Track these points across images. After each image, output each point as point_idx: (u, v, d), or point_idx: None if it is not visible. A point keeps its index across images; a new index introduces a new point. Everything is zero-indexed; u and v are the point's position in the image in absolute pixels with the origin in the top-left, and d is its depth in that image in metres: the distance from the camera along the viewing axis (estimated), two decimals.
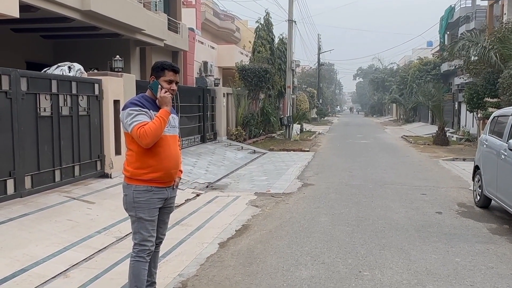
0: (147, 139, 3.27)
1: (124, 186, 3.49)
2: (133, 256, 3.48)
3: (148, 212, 3.42)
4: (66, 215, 6.19)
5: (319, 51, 50.26)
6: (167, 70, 3.47)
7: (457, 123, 26.83)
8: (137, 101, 3.40)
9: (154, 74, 3.48)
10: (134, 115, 3.32)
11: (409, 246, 5.34)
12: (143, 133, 3.25)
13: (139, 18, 13.34)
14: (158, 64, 3.53)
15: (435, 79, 32.12)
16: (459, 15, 30.57)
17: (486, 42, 15.64)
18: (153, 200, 3.43)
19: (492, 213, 7.05)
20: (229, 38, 31.40)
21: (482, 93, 16.48)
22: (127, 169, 3.45)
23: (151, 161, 3.38)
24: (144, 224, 3.43)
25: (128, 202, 3.44)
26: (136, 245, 3.46)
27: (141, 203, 3.40)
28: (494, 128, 7.31)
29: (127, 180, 3.45)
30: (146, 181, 3.39)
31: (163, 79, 3.45)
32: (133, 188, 3.40)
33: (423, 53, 42.70)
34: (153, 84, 3.46)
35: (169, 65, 3.50)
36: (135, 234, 3.47)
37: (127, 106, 3.39)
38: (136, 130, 3.27)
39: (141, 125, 3.28)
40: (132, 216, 3.46)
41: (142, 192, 3.39)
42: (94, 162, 8.36)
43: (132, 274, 3.47)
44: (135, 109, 3.34)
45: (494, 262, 4.85)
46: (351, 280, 4.30)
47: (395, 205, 7.58)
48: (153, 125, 3.29)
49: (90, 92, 8.25)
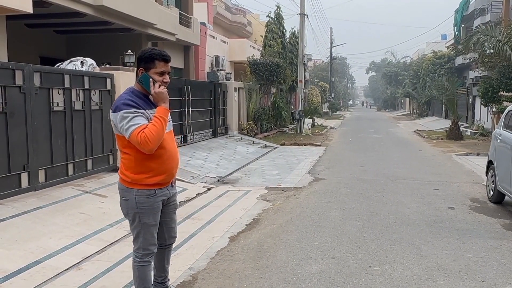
0: (150, 145, 2.96)
1: (123, 189, 3.21)
2: (137, 261, 3.32)
3: (153, 217, 3.24)
4: (79, 208, 6.27)
5: (331, 44, 49.93)
6: (157, 60, 3.08)
7: (471, 118, 26.46)
8: (129, 101, 3.03)
9: (143, 66, 3.09)
10: (130, 118, 2.97)
11: (420, 242, 5.31)
12: (144, 139, 2.94)
13: (151, 13, 13.37)
14: (146, 54, 3.10)
15: (449, 73, 31.76)
16: (474, 8, 30.08)
17: (502, 35, 15.37)
18: (157, 204, 3.23)
19: (506, 208, 6.96)
20: (241, 32, 31.35)
21: (497, 87, 16.23)
22: (125, 173, 3.17)
23: (153, 165, 3.13)
24: (149, 229, 3.25)
25: (130, 207, 3.19)
26: (140, 249, 3.30)
27: (145, 209, 3.18)
28: (508, 122, 7.20)
29: (127, 184, 3.17)
30: (148, 185, 3.16)
31: (153, 71, 3.08)
32: (135, 192, 3.15)
33: (437, 47, 42.09)
34: (143, 77, 3.08)
35: (159, 54, 3.10)
36: (138, 238, 3.28)
37: (120, 108, 3.00)
38: (135, 135, 2.95)
39: (140, 129, 2.95)
40: (134, 221, 3.24)
41: (145, 197, 3.16)
42: (106, 156, 8.44)
43: (138, 278, 3.36)
44: (129, 111, 2.99)
45: (507, 258, 4.79)
46: (361, 275, 4.29)
47: (407, 200, 7.53)
48: (154, 128, 2.97)
49: (102, 87, 8.32)
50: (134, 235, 3.33)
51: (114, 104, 3.10)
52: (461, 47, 20.15)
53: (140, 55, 3.14)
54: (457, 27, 33.83)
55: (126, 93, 3.15)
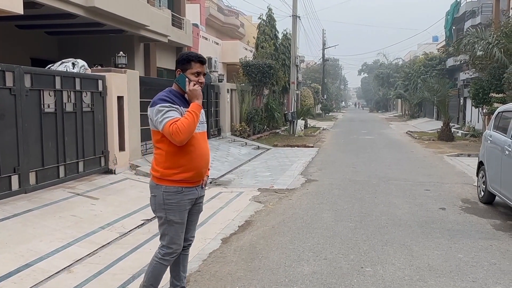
0: (181, 136, 3.09)
1: (152, 186, 3.34)
2: (158, 257, 3.36)
3: (179, 214, 3.29)
4: (70, 210, 6.23)
5: (323, 46, 50.10)
6: (193, 61, 3.26)
7: (463, 119, 26.67)
8: (166, 97, 3.20)
9: (180, 67, 3.28)
10: (165, 112, 3.13)
11: (411, 242, 5.34)
12: (176, 130, 3.07)
13: (143, 14, 13.34)
14: (184, 56, 3.32)
15: (440, 74, 32.00)
16: (465, 10, 30.37)
17: (492, 38, 15.52)
18: (183, 202, 3.29)
19: (496, 209, 7.02)
20: (234, 33, 31.36)
21: (487, 88, 16.39)
22: (156, 169, 3.29)
23: (182, 161, 3.22)
24: (174, 226, 3.31)
25: (157, 203, 3.29)
26: (164, 247, 3.35)
27: (171, 205, 3.26)
28: (498, 123, 7.27)
29: (156, 181, 3.28)
30: (176, 181, 3.24)
31: (190, 72, 3.25)
32: (163, 189, 3.25)
33: (428, 48, 42.42)
34: (180, 78, 3.27)
35: (195, 56, 3.29)
36: (164, 236, 3.35)
37: (156, 102, 3.19)
38: (168, 127, 3.09)
39: (173, 121, 3.10)
40: (161, 218, 3.32)
41: (172, 193, 3.25)
42: (98, 158, 8.40)
43: (151, 273, 3.38)
44: (165, 105, 3.15)
45: (497, 258, 4.84)
46: (353, 276, 4.31)
47: (399, 201, 7.57)
48: (185, 121, 3.11)
49: (94, 88, 8.28)
50: (160, 232, 3.39)
51: (152, 100, 3.26)
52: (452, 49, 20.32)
53: (178, 58, 3.34)
54: (448, 29, 34.13)
55: (164, 91, 3.32)
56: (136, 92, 9.65)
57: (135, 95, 9.60)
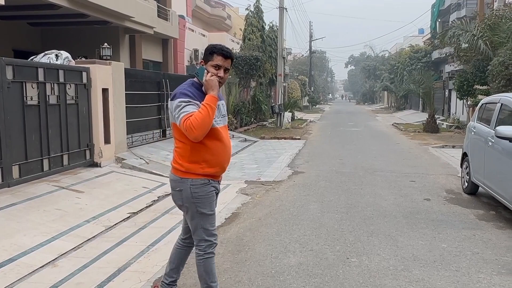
0: (195, 132, 2.96)
1: (176, 180, 3.21)
2: (200, 254, 3.27)
3: (209, 206, 3.23)
4: (54, 204, 6.16)
5: (310, 38, 50.12)
6: (215, 53, 3.15)
7: (448, 111, 26.97)
8: (187, 91, 3.09)
9: (204, 58, 3.20)
10: (182, 106, 3.03)
11: (396, 233, 5.40)
12: (190, 126, 2.95)
13: (128, 5, 13.17)
14: (208, 47, 3.22)
15: (426, 67, 32.23)
16: (451, 2, 30.56)
17: (476, 30, 15.67)
18: (211, 193, 3.23)
19: (480, 199, 7.13)
20: (220, 25, 31.16)
21: (472, 80, 16.57)
22: (180, 163, 3.17)
23: (207, 156, 3.14)
24: (208, 218, 3.24)
25: (185, 197, 3.18)
26: (202, 241, 3.26)
27: (201, 198, 3.17)
28: (482, 115, 7.36)
29: (181, 174, 3.17)
30: (202, 174, 3.16)
31: (210, 64, 3.15)
32: (190, 182, 3.14)
33: (414, 41, 42.67)
34: (199, 69, 3.16)
35: (219, 48, 3.18)
36: (197, 230, 3.25)
37: (177, 96, 3.09)
38: (183, 122, 2.98)
39: (187, 116, 2.98)
40: (191, 212, 3.22)
41: (200, 186, 3.15)
42: (83, 151, 8.30)
43: (204, 272, 3.30)
44: (184, 100, 3.05)
45: (480, 247, 4.91)
46: (338, 267, 4.34)
47: (384, 192, 7.64)
48: (199, 115, 2.97)
49: (78, 81, 8.16)
50: (193, 228, 3.29)
51: (173, 93, 3.16)
52: (437, 41, 20.47)
53: (205, 50, 3.26)
54: (434, 21, 34.35)
55: (185, 84, 3.22)
56: (122, 84, 9.54)
57: (121, 87, 9.50)
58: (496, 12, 16.48)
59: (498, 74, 13.24)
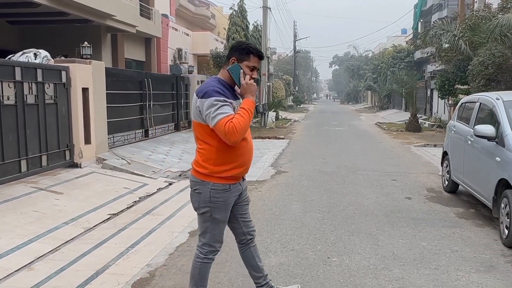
0: (237, 136, 2.87)
1: (196, 182, 3.13)
2: (200, 257, 3.24)
3: (224, 213, 3.18)
4: (32, 206, 6.04)
5: (295, 38, 50.25)
6: (252, 54, 3.07)
7: (430, 110, 27.32)
8: (219, 89, 2.97)
9: (236, 55, 3.07)
10: (219, 106, 2.89)
11: (377, 232, 5.42)
12: (232, 129, 2.84)
13: (109, 4, 13.01)
14: (243, 45, 3.12)
15: (408, 67, 32.59)
16: (432, 3, 30.97)
17: (457, 30, 15.88)
18: (230, 200, 3.16)
19: (460, 197, 7.21)
20: (204, 24, 31.00)
21: (453, 80, 16.79)
22: (203, 165, 3.07)
23: (233, 156, 3.06)
24: (218, 225, 3.20)
25: (203, 200, 3.11)
26: (206, 245, 3.22)
27: (218, 203, 3.11)
28: (461, 114, 7.45)
29: (203, 177, 3.08)
30: (225, 178, 3.08)
31: (246, 64, 3.05)
32: (211, 186, 3.07)
33: (397, 41, 43.10)
34: (234, 67, 3.04)
35: (256, 50, 3.10)
36: (205, 234, 3.21)
37: (210, 94, 2.93)
38: (223, 124, 2.86)
39: (228, 119, 2.86)
40: (205, 215, 3.16)
41: (220, 191, 3.09)
42: (62, 151, 8.16)
43: (198, 275, 3.26)
44: (219, 99, 2.91)
45: (459, 245, 4.96)
46: (319, 266, 4.34)
47: (366, 191, 7.68)
48: (242, 120, 2.89)
49: (57, 80, 8.02)
50: (202, 230, 3.24)
51: (201, 90, 3.01)
52: (419, 41, 20.70)
53: (236, 46, 3.15)
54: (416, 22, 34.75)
55: (213, 80, 3.09)
56: (102, 83, 9.41)
57: (101, 86, 9.37)
58: (476, 13, 16.72)
59: (478, 74, 13.44)
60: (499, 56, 13.15)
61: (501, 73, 13.20)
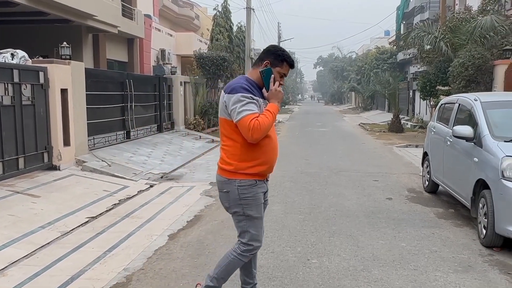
0: (259, 134, 2.95)
1: (223, 182, 3.14)
2: (237, 252, 3.23)
3: (256, 208, 3.15)
4: (7, 210, 5.89)
5: (279, 39, 50.34)
6: (286, 62, 3.16)
7: (412, 111, 27.57)
8: (248, 87, 3.03)
9: (271, 60, 3.14)
10: (246, 103, 2.96)
11: (358, 233, 5.42)
12: (257, 127, 2.92)
13: (90, 3, 12.84)
14: (279, 51, 3.19)
15: (391, 68, 32.89)
16: (414, 5, 31.35)
17: (438, 32, 16.07)
18: (259, 195, 3.16)
19: (440, 198, 7.27)
20: (188, 25, 30.86)
21: (434, 81, 16.96)
22: (228, 161, 3.10)
23: (258, 153, 3.08)
24: (254, 222, 3.17)
25: (232, 199, 3.12)
26: (244, 244, 3.21)
27: (248, 199, 3.11)
28: (441, 115, 7.52)
29: (228, 175, 3.11)
30: (251, 174, 3.09)
31: (278, 70, 3.14)
32: (237, 183, 3.09)
33: (380, 42, 43.43)
34: (268, 71, 3.10)
35: (290, 58, 3.19)
36: (244, 234, 3.20)
37: (237, 90, 3.00)
38: (248, 121, 2.92)
39: (254, 116, 2.94)
40: (238, 214, 3.17)
41: (247, 187, 3.10)
42: (40, 154, 8.00)
43: (225, 267, 3.27)
44: (246, 95, 2.98)
45: (438, 246, 4.99)
46: (298, 269, 4.32)
47: (348, 192, 7.69)
48: (267, 120, 2.97)
49: (35, 81, 7.86)
50: (239, 231, 3.24)
51: (229, 86, 3.08)
52: (402, 43, 20.89)
53: (272, 50, 3.20)
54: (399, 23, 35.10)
55: (241, 78, 3.16)
56: (82, 84, 9.26)
57: (81, 87, 9.22)
58: (456, 15, 16.95)
59: (458, 75, 13.61)
60: (479, 58, 13.34)
61: (481, 74, 13.40)
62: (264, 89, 3.15)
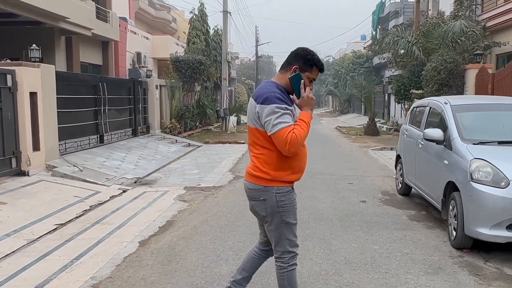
0: (296, 147, 2.85)
1: (259, 189, 3.03)
2: (284, 267, 3.12)
3: (294, 215, 3.09)
4: None
5: (256, 43, 50.37)
6: (316, 67, 3.04)
7: (387, 114, 27.99)
8: (281, 96, 2.91)
9: (300, 64, 3.00)
10: (280, 114, 2.84)
11: (331, 236, 5.42)
12: (294, 140, 2.81)
13: (61, 5, 12.58)
14: (308, 56, 3.04)
15: (367, 72, 33.34)
16: (389, 10, 31.86)
17: (411, 37, 16.36)
18: (295, 202, 3.10)
19: (412, 200, 7.35)
20: (165, 28, 30.61)
21: (408, 85, 17.25)
22: (265, 171, 2.99)
23: (293, 162, 3.01)
24: (292, 229, 3.10)
25: (270, 206, 3.02)
26: (285, 253, 3.11)
27: (286, 206, 3.03)
28: (413, 118, 7.61)
29: (265, 182, 3.00)
30: (287, 182, 3.03)
31: (307, 75, 3.02)
32: (275, 190, 3.00)
33: (356, 47, 44.00)
34: (297, 76, 2.97)
35: (320, 62, 3.06)
36: (281, 242, 3.09)
37: (272, 100, 2.86)
38: (284, 134, 2.81)
39: (290, 129, 2.83)
40: (277, 222, 3.06)
41: (285, 194, 3.02)
42: (8, 159, 7.76)
43: (288, 285, 3.14)
44: (281, 106, 2.86)
45: (410, 248, 5.02)
46: (270, 274, 4.25)
47: (323, 195, 7.70)
48: (303, 132, 2.88)
49: (2, 84, 7.63)
50: (276, 239, 3.12)
51: (262, 96, 2.92)
52: (377, 47, 21.20)
53: (301, 54, 3.05)
54: (374, 28, 35.63)
55: (271, 85, 3.00)
56: (52, 88, 9.04)
57: (51, 91, 9.00)
58: (430, 20, 17.29)
59: (431, 79, 13.87)
60: (451, 62, 13.63)
61: (453, 78, 13.69)
62: (294, 95, 3.03)
